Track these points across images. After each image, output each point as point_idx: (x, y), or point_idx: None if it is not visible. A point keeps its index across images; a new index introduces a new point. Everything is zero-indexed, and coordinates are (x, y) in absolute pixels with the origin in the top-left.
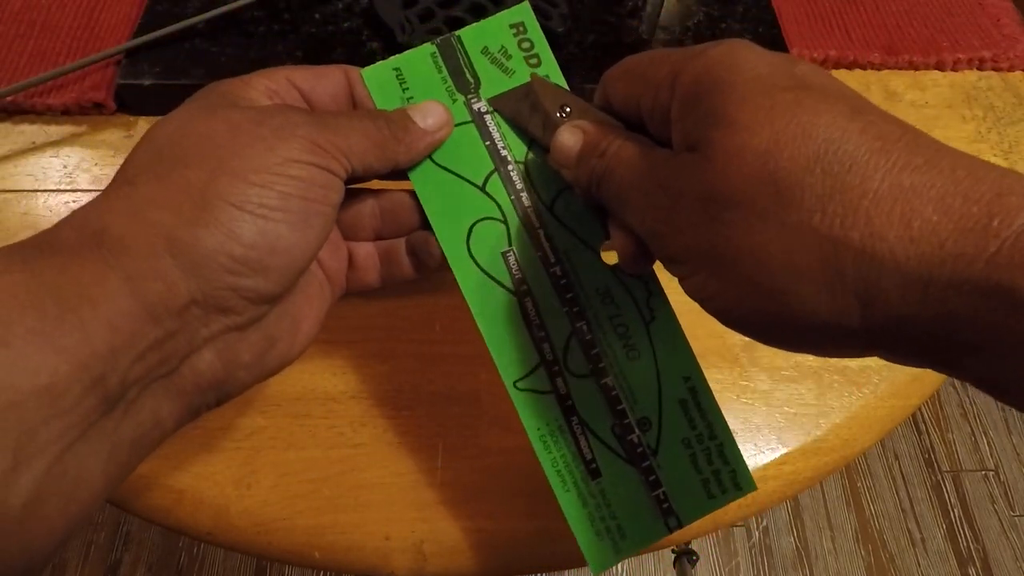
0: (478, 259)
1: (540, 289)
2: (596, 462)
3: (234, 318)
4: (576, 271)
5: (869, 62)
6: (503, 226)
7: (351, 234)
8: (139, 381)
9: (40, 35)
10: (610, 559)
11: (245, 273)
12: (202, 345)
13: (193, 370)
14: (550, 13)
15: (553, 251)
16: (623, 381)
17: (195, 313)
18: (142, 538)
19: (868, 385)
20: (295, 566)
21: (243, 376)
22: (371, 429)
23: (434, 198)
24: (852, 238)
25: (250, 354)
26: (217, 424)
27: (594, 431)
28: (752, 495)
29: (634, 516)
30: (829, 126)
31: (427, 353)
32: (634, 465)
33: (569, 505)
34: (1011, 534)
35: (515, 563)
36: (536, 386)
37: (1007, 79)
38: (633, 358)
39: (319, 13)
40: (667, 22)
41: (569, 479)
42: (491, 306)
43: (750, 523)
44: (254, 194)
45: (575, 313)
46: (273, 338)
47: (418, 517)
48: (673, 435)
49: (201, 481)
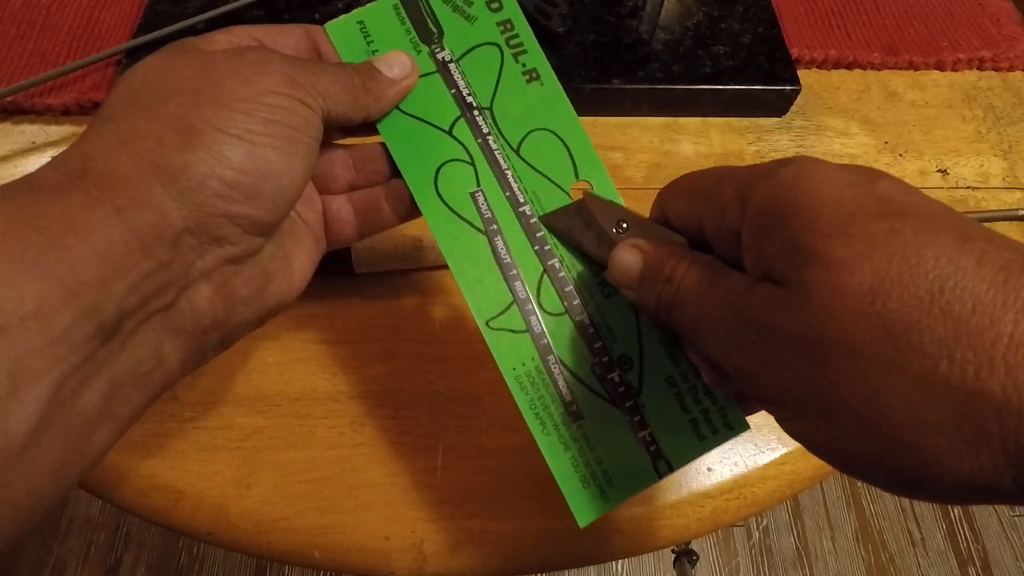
0: (447, 199)
1: (510, 228)
2: (577, 403)
3: (229, 249)
4: (545, 209)
5: (869, 62)
6: (471, 168)
7: (324, 187)
8: (135, 313)
9: (40, 35)
10: (597, 508)
11: (237, 199)
12: (199, 279)
13: (192, 306)
14: (550, 13)
15: (522, 191)
16: (600, 318)
17: (189, 243)
18: (142, 538)
19: None
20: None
21: (243, 313)
22: (371, 429)
23: (401, 144)
24: (992, 390)
25: (248, 289)
26: (217, 424)
27: (573, 371)
28: (752, 495)
29: (621, 461)
30: (938, 260)
31: (427, 353)
32: (617, 406)
33: (550, 449)
34: (1011, 534)
35: (515, 563)
36: (510, 325)
37: (1007, 79)
38: (609, 295)
39: (319, 13)
40: (667, 22)
41: (548, 422)
42: (461, 246)
43: (750, 523)
44: (239, 119)
45: (546, 251)
46: (269, 273)
47: (418, 517)
48: (656, 373)
49: (201, 481)
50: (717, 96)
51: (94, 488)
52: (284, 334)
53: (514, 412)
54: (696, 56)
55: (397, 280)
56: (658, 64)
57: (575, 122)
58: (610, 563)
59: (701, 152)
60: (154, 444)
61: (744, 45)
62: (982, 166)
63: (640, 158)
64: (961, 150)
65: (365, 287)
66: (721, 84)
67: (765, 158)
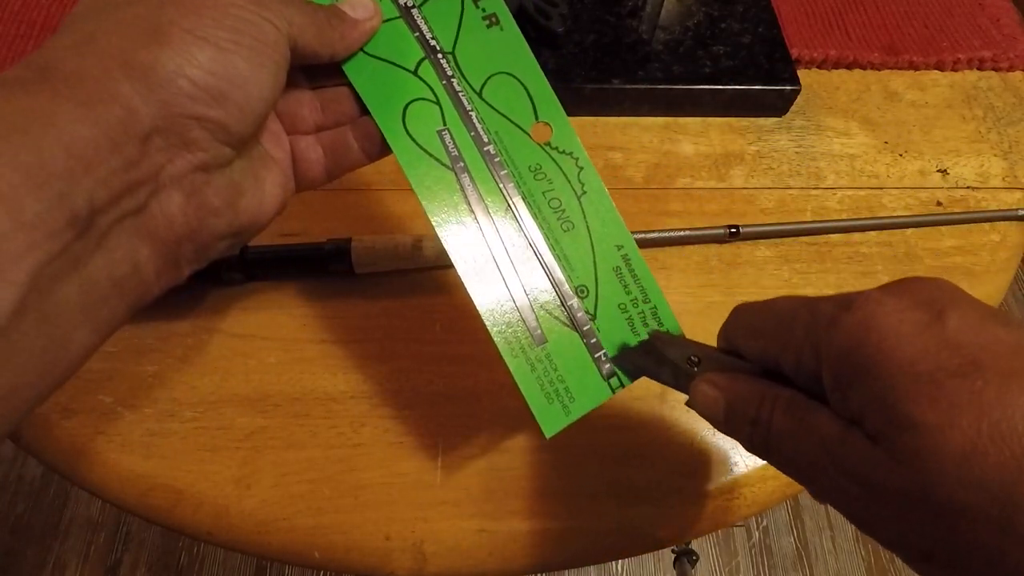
0: (415, 136)
1: (475, 166)
2: (541, 328)
3: (199, 155)
4: (508, 150)
5: (869, 62)
6: (437, 107)
7: (291, 127)
8: (106, 211)
9: (40, 35)
10: (560, 421)
11: (205, 100)
12: (169, 184)
13: (164, 211)
14: (550, 13)
15: (486, 132)
16: (560, 251)
17: (158, 144)
18: (142, 538)
19: None
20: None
21: (216, 225)
22: (371, 429)
23: (369, 83)
24: None
25: (219, 199)
26: (217, 424)
27: (536, 299)
28: (752, 495)
29: (580, 379)
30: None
31: (427, 353)
32: (576, 330)
33: (519, 370)
34: None
35: (515, 563)
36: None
37: (1007, 79)
38: (567, 229)
39: None
40: (667, 22)
41: (517, 346)
42: (430, 180)
43: (750, 523)
44: (207, 23)
45: (510, 189)
46: (240, 187)
47: (418, 517)
48: (609, 300)
49: (201, 481)
50: (717, 96)
51: (95, 488)
52: (284, 334)
53: (514, 412)
54: (696, 56)
55: (397, 280)
56: (658, 64)
57: (534, 66)
58: (610, 563)
59: (701, 152)
60: (154, 444)
61: (744, 45)
62: (982, 166)
63: (640, 158)
64: (961, 150)
65: (365, 287)
66: (721, 84)
67: (765, 158)
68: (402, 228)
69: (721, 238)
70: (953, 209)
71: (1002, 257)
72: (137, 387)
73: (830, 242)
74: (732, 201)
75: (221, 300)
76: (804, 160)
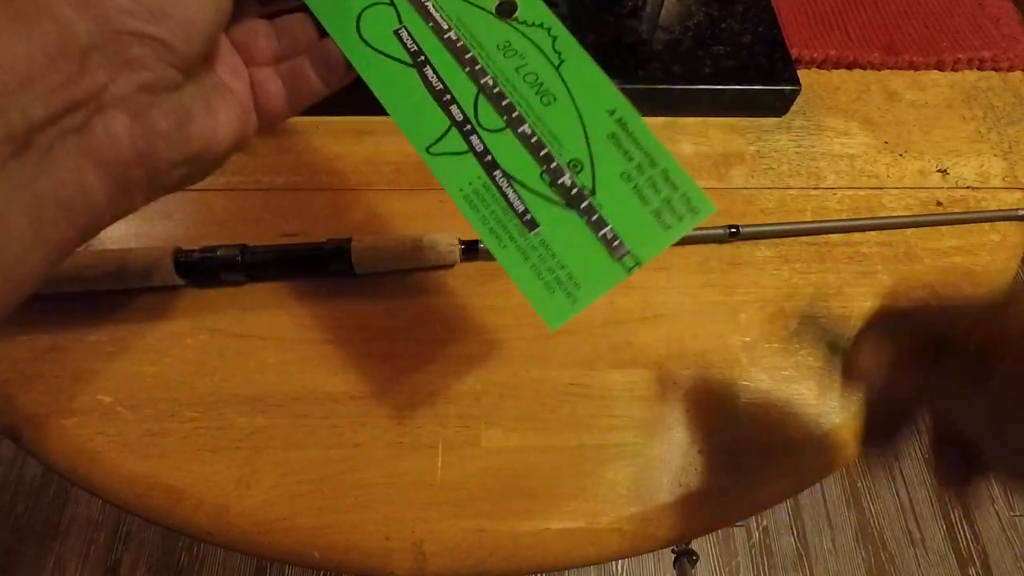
0: (372, 43)
1: (438, 56)
2: (530, 213)
3: (143, 74)
4: (472, 33)
5: (869, 62)
6: (391, 8)
7: (249, 58)
8: (44, 129)
9: None
10: (566, 311)
11: (143, 16)
12: (113, 104)
13: (108, 131)
14: None
15: (445, 19)
16: (543, 127)
17: (97, 60)
18: (142, 538)
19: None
20: (295, 566)
21: (165, 150)
22: (371, 429)
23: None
24: None
25: (166, 122)
26: (217, 424)
27: (521, 182)
28: (752, 495)
29: (585, 262)
30: None
31: (427, 353)
32: (573, 208)
33: (508, 261)
34: (1011, 534)
35: (515, 563)
36: (451, 148)
37: (1007, 79)
38: (548, 103)
39: None
40: (667, 22)
41: (504, 235)
42: (391, 82)
43: (750, 523)
44: None
45: (478, 71)
46: (190, 112)
47: (418, 517)
48: (609, 170)
49: (201, 481)
50: (717, 96)
51: (95, 488)
52: (284, 334)
53: (515, 412)
54: (696, 56)
55: (397, 280)
56: (658, 64)
57: None
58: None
59: (701, 152)
60: (154, 444)
61: (744, 45)
62: (982, 166)
63: None
64: (961, 150)
65: (365, 287)
66: (721, 84)
67: (765, 158)
68: (402, 228)
69: (721, 238)
70: (953, 209)
71: (1002, 257)
72: (137, 387)
73: (830, 242)
74: (732, 201)
75: (221, 300)
76: (804, 160)
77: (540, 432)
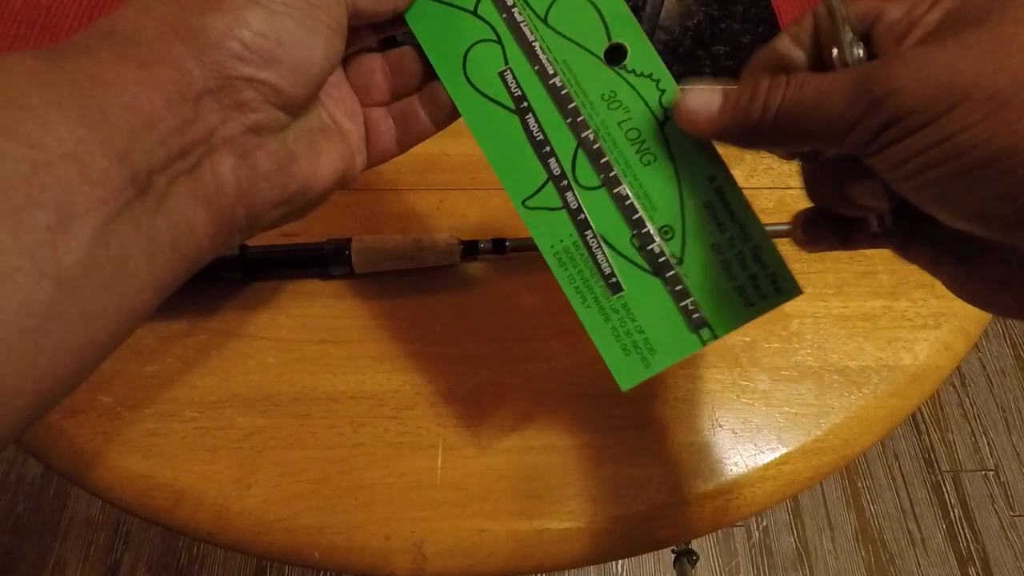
0: (476, 84)
1: (541, 104)
2: (616, 276)
3: (251, 116)
4: (577, 79)
5: None
6: (498, 46)
7: (366, 98)
8: (164, 169)
9: (40, 35)
10: (639, 374)
11: (255, 62)
12: (221, 145)
13: (215, 172)
14: None
15: (551, 62)
16: (639, 188)
17: (210, 105)
18: (142, 538)
19: (868, 385)
20: (295, 566)
21: (266, 190)
22: (371, 429)
23: (428, 32)
24: None
25: (270, 163)
26: (217, 424)
27: (611, 244)
28: (752, 495)
29: (662, 330)
30: None
31: (427, 353)
32: (658, 276)
33: (590, 320)
34: (1011, 534)
35: (515, 563)
36: (546, 203)
37: None
38: (648, 163)
39: None
40: (667, 22)
41: (588, 295)
42: (493, 128)
43: (750, 523)
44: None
45: (580, 123)
46: (293, 154)
47: (418, 517)
48: (700, 241)
49: (201, 481)
50: None
51: (95, 488)
52: (284, 334)
53: (515, 412)
54: (696, 56)
55: (397, 280)
56: None
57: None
58: (610, 563)
59: None
60: (154, 444)
61: (744, 45)
62: None
63: None
64: None
65: (365, 287)
66: (721, 84)
67: (765, 158)
68: (402, 228)
69: None
70: None
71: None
72: (137, 387)
73: None
74: None
75: (221, 300)
76: None
77: (540, 432)
